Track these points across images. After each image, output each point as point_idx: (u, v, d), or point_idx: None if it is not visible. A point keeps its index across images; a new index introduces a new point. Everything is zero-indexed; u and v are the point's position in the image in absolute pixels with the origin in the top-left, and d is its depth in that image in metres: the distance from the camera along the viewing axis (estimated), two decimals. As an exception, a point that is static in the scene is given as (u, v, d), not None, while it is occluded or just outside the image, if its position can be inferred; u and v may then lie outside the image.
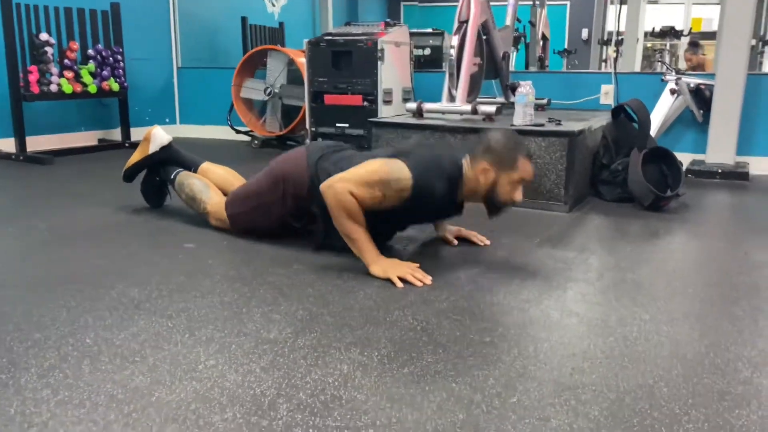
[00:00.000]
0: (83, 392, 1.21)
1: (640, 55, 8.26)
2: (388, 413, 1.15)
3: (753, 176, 3.65)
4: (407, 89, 4.10)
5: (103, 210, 2.69)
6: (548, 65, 5.18)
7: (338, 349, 1.40)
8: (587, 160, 3.03)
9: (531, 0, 4.75)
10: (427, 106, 3.29)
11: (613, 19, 7.68)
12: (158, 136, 2.62)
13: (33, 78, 3.96)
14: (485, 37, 3.49)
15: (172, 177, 2.55)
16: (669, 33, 8.57)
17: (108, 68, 4.40)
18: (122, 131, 4.68)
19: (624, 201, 2.94)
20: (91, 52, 4.33)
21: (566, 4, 10.03)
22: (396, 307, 1.65)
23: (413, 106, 3.31)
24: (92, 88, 4.27)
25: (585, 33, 9.53)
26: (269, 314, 1.59)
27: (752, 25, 3.52)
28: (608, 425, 1.11)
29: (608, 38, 8.09)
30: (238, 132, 4.92)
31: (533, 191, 2.80)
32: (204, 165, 2.60)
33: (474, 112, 3.14)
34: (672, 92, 3.77)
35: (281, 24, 6.26)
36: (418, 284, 1.81)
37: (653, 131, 3.69)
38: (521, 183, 1.93)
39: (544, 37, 4.93)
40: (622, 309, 1.66)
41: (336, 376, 1.28)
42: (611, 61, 6.20)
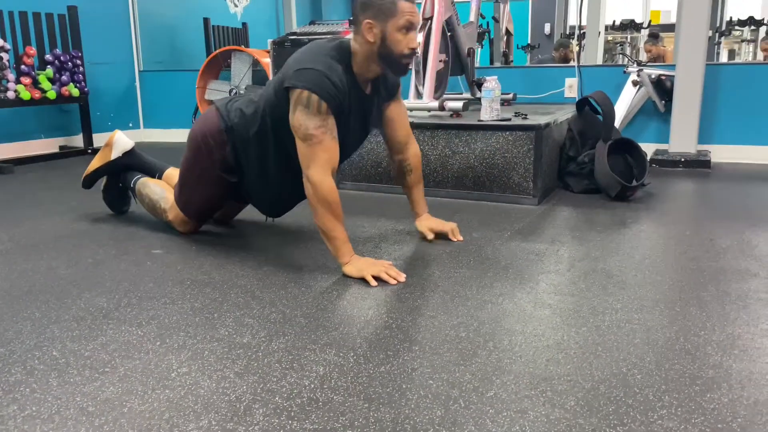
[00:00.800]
0: (52, 406, 1.18)
1: (602, 48, 8.39)
2: (366, 413, 1.14)
3: (714, 164, 3.73)
4: (374, 87, 4.08)
5: (67, 218, 2.62)
6: (513, 60, 5.22)
7: (313, 351, 1.39)
8: (554, 153, 3.06)
9: (494, -4, 4.79)
10: (395, 104, 3.28)
11: (575, 13, 7.78)
12: (120, 142, 2.56)
13: (-11, 85, 3.85)
14: (450, 34, 3.50)
15: (132, 185, 2.50)
16: (629, 26, 8.72)
17: (67, 73, 4.30)
18: (84, 137, 4.58)
19: (591, 192, 2.98)
20: (49, 57, 4.23)
21: (528, 0, 10.13)
22: (371, 306, 1.64)
23: (380, 104, 3.29)
24: (51, 94, 4.17)
25: (547, 27, 9.65)
26: (241, 318, 1.57)
27: (709, 17, 3.59)
28: (584, 414, 1.12)
29: (570, 32, 8.20)
30: (204, 135, 4.85)
31: (502, 185, 2.82)
32: (168, 171, 2.55)
33: (441, 109, 3.15)
34: (634, 84, 3.84)
35: (244, 24, 6.20)
36: (393, 282, 1.80)
37: (618, 122, 3.75)
38: (411, 27, 1.85)
39: (508, 33, 4.97)
40: (594, 299, 1.68)
41: (312, 379, 1.27)
42: (574, 55, 6.29)
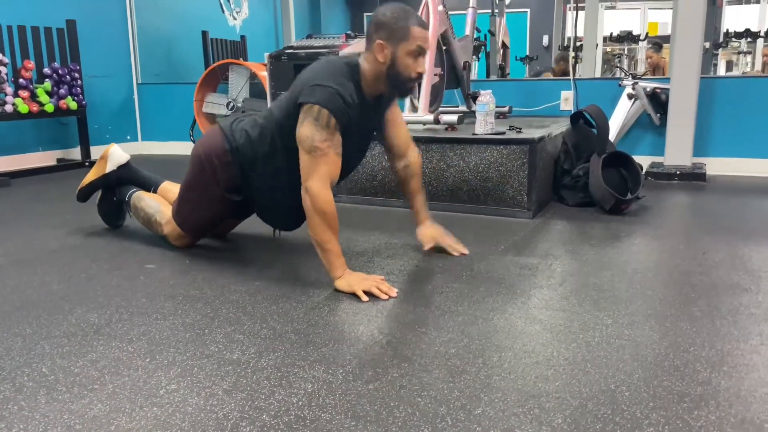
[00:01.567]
0: (39, 424, 1.18)
1: (600, 60, 8.43)
2: None
3: (710, 177, 3.74)
4: (370, 100, 4.10)
5: (61, 232, 2.63)
6: (509, 73, 5.24)
7: (302, 368, 1.38)
8: (549, 166, 3.07)
9: (490, 9, 4.82)
10: (390, 117, 3.30)
11: (570, 25, 7.82)
12: (116, 155, 2.57)
13: (-14, 98, 3.87)
14: (445, 48, 3.52)
15: (127, 199, 2.51)
16: (627, 38, 8.76)
17: (65, 86, 4.32)
18: (82, 150, 4.60)
19: (586, 205, 2.98)
20: (47, 71, 4.25)
21: (527, 12, 10.21)
22: (361, 322, 1.64)
23: (376, 118, 3.31)
24: (49, 108, 4.18)
25: (546, 39, 9.71)
26: (232, 334, 1.57)
27: (703, 31, 3.62)
28: (571, 433, 1.12)
29: (568, 44, 8.25)
30: (202, 147, 4.86)
31: (497, 198, 2.83)
32: (164, 184, 2.56)
33: (436, 122, 3.16)
34: (629, 97, 3.86)
35: (243, 37, 6.24)
36: (384, 297, 1.80)
37: (613, 135, 3.76)
38: (421, 52, 1.89)
39: (505, 46, 5.00)
40: (585, 314, 1.68)
41: (300, 396, 1.26)
42: (572, 67, 6.33)
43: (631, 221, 2.72)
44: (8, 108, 3.97)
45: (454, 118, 3.15)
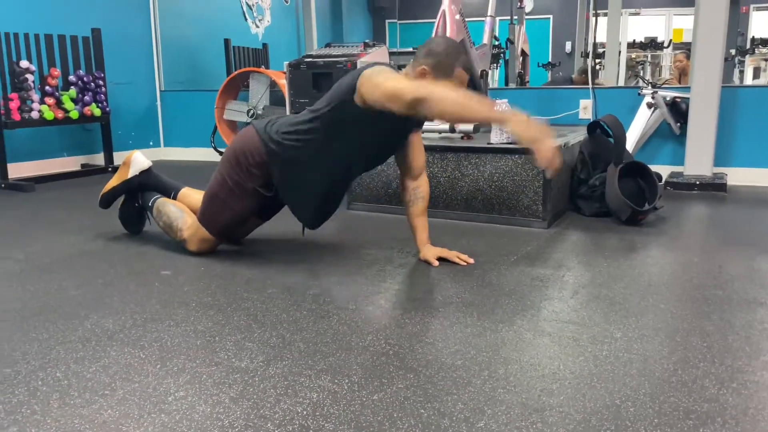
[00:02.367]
0: (50, 428, 1.21)
1: (624, 67, 8.36)
2: (355, 442, 1.15)
3: (730, 187, 3.69)
4: (388, 108, 4.13)
5: (82, 237, 2.68)
6: (528, 81, 5.23)
7: (309, 377, 1.40)
8: (565, 176, 3.06)
9: (509, 17, 4.81)
10: (406, 126, 3.32)
11: (597, 31, 7.75)
12: (138, 161, 2.62)
13: (14, 105, 3.97)
14: (463, 56, 3.52)
15: (150, 204, 2.55)
16: (650, 44, 8.67)
17: (90, 93, 4.41)
18: (105, 156, 4.68)
19: (602, 215, 2.96)
20: (73, 78, 4.35)
21: (549, 18, 10.18)
22: (369, 332, 1.65)
23: (392, 126, 3.33)
24: (74, 114, 4.27)
25: (568, 46, 9.67)
26: (242, 342, 1.59)
27: (725, 38, 3.58)
28: (573, 448, 1.12)
29: (591, 51, 8.19)
30: (221, 153, 4.92)
31: (511, 208, 2.82)
32: (183, 190, 2.61)
33: (452, 131, 3.17)
34: (649, 106, 3.82)
35: (265, 45, 6.30)
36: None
37: (632, 145, 3.73)
38: None
39: (524, 54, 4.99)
40: (595, 327, 1.67)
41: (305, 405, 1.28)
42: (590, 75, 6.29)
43: (648, 232, 2.70)
44: (34, 114, 4.06)
45: (470, 127, 3.15)
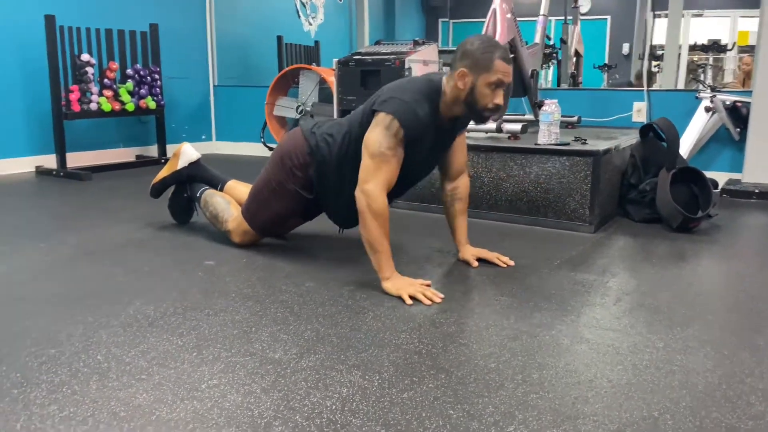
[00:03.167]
0: (88, 409, 1.24)
1: (684, 70, 8.07)
2: (382, 439, 1.14)
3: (793, 196, 3.52)
4: (436, 107, 4.10)
5: (132, 225, 2.76)
6: (581, 82, 5.11)
7: (340, 372, 1.40)
8: (614, 180, 2.98)
9: (562, 17, 4.72)
10: (452, 125, 3.29)
11: (655, 33, 7.51)
12: (187, 153, 2.68)
13: (74, 97, 4.12)
14: (513, 56, 3.47)
15: (198, 195, 2.61)
16: (713, 47, 8.36)
17: (146, 87, 4.54)
18: (159, 148, 4.82)
19: (652, 222, 2.87)
20: (130, 72, 4.48)
21: (607, 19, 9.94)
22: (404, 330, 1.64)
23: (438, 125, 3.31)
24: (130, 107, 4.41)
25: (626, 47, 9.43)
26: (277, 334, 1.61)
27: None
28: (605, 458, 1.08)
29: (650, 53, 7.96)
30: (271, 149, 5.00)
31: (558, 211, 2.77)
32: (230, 183, 2.66)
33: (499, 131, 3.13)
34: (707, 110, 3.68)
35: (317, 42, 6.35)
36: (427, 302, 1.81)
37: (688, 149, 3.61)
38: (500, 85, 1.91)
39: (578, 54, 4.88)
40: (636, 335, 1.61)
41: (334, 400, 1.28)
42: (646, 77, 6.10)
43: (700, 240, 2.60)
44: (93, 106, 4.21)
45: (518, 127, 3.10)
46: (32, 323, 1.67)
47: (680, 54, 6.85)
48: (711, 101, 3.65)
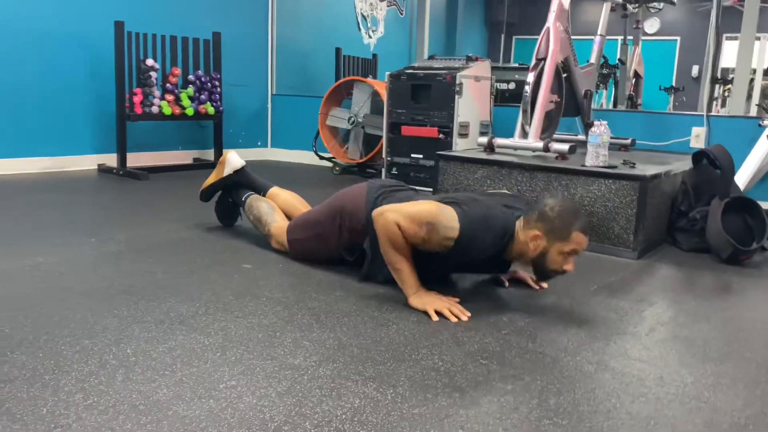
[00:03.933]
0: (110, 399, 1.30)
1: (757, 95, 7.75)
2: (386, 452, 1.15)
3: None
4: (485, 123, 4.09)
5: (180, 226, 2.86)
6: (641, 104, 4.99)
7: (355, 382, 1.41)
8: (663, 206, 2.89)
9: (622, 37, 4.62)
10: (499, 142, 3.27)
11: (726, 56, 7.25)
12: (232, 161, 2.77)
13: (137, 100, 4.30)
14: (566, 75, 3.43)
15: (243, 199, 2.69)
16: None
17: (206, 93, 4.70)
18: (215, 152, 4.96)
19: (701, 251, 2.77)
20: (192, 78, 4.65)
21: (676, 40, 9.68)
22: (425, 345, 1.64)
23: (484, 141, 3.30)
24: (189, 111, 4.57)
25: (695, 70, 9.15)
26: (300, 340, 1.64)
27: None
28: (611, 492, 1.06)
29: (722, 76, 7.69)
30: (322, 158, 5.08)
31: (601, 235, 2.70)
32: (273, 189, 2.72)
33: (546, 150, 3.09)
34: (770, 138, 3.53)
35: (375, 55, 6.43)
36: (453, 319, 1.80)
37: (745, 180, 3.47)
38: (573, 254, 1.87)
39: (637, 75, 4.77)
40: (665, 368, 1.56)
41: (345, 409, 1.29)
42: (717, 100, 5.88)
43: (749, 273, 2.49)
44: (155, 109, 4.38)
45: (565, 147, 3.05)
46: (72, 314, 1.75)
47: (752, 78, 6.59)
48: (774, 129, 3.50)
